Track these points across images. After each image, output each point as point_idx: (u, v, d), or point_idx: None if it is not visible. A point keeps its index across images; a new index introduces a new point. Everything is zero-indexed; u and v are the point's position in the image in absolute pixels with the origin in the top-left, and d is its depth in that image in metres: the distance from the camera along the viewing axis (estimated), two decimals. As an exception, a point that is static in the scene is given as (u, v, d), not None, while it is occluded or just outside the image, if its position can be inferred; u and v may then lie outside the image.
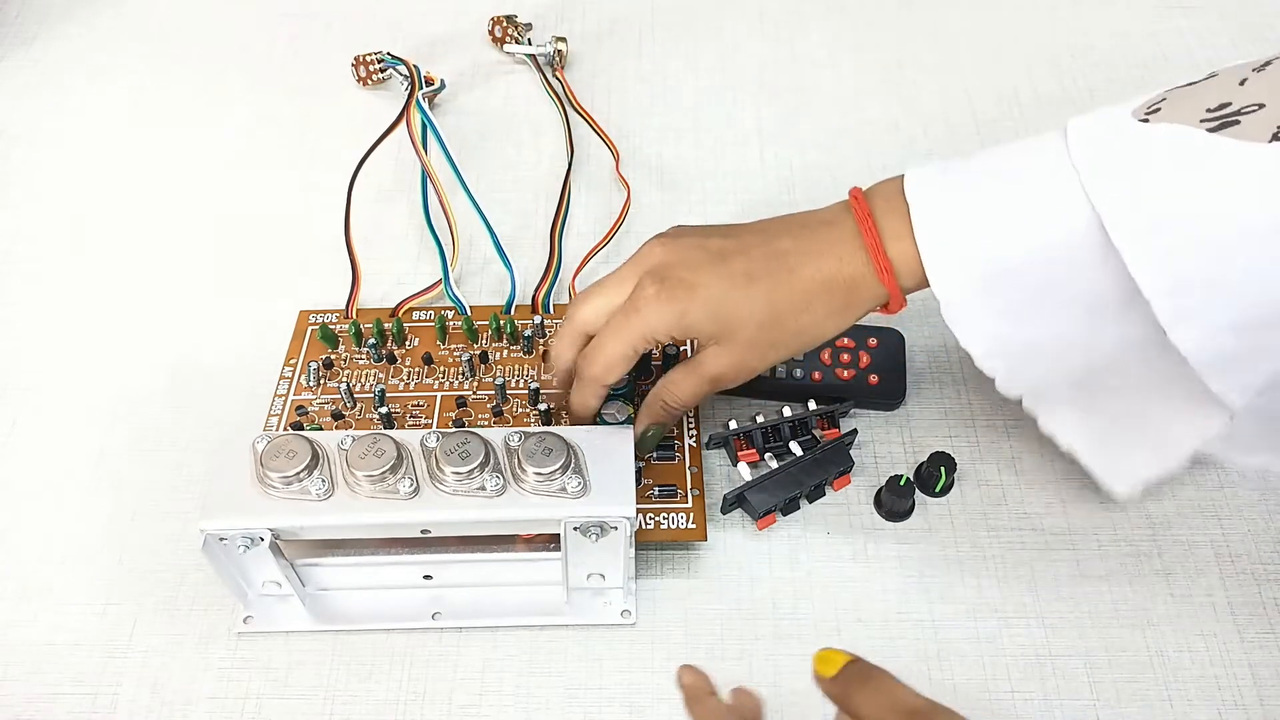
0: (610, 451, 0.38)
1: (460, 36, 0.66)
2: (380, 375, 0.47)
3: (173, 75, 0.64)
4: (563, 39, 0.62)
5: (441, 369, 0.47)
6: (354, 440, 0.37)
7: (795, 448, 0.44)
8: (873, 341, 0.47)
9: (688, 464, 0.44)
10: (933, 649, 0.40)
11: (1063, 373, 0.37)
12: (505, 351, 0.48)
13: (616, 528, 0.37)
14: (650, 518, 0.42)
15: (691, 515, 0.42)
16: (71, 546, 0.44)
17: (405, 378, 0.47)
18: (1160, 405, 0.37)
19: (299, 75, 0.64)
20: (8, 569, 0.43)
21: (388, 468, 0.36)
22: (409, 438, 0.38)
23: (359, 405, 0.46)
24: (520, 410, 0.46)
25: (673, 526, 0.42)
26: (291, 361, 0.48)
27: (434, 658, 0.40)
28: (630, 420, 0.42)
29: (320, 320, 0.50)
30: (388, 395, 0.46)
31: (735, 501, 0.42)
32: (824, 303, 0.37)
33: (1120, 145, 0.33)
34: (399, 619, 0.41)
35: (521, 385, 0.47)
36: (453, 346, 0.48)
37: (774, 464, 0.43)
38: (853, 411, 0.47)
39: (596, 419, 0.42)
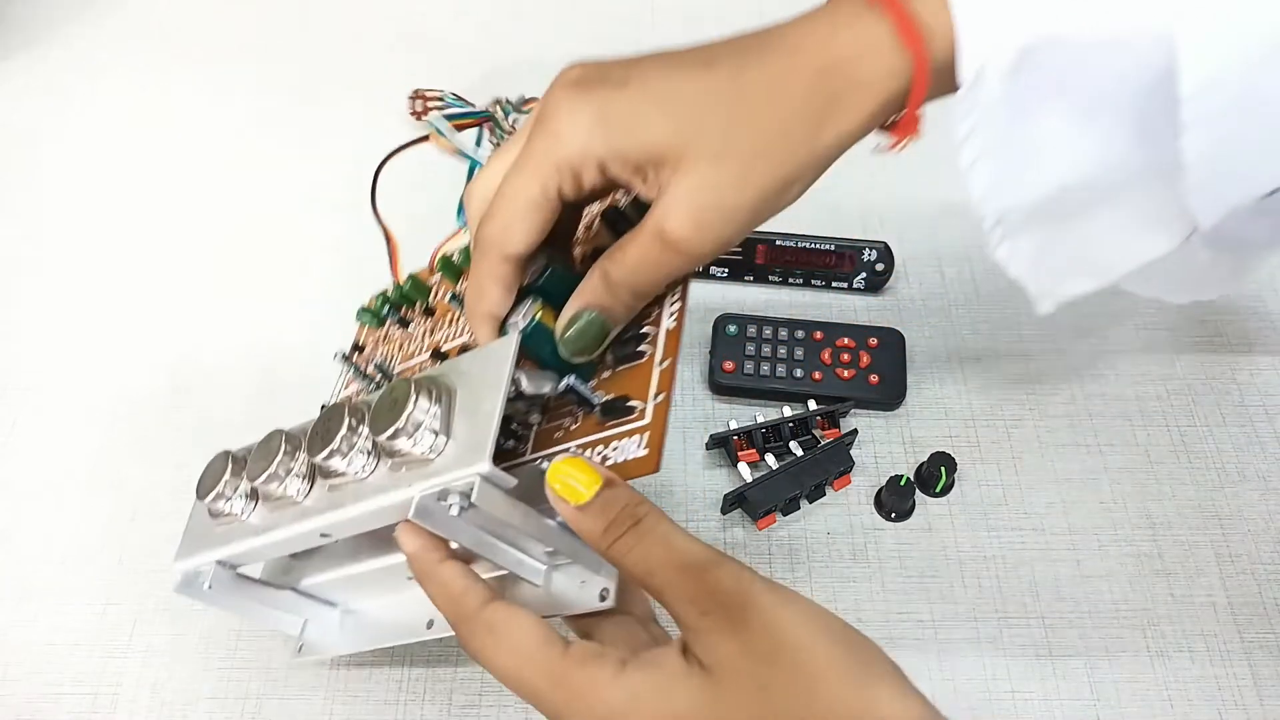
0: (483, 380, 0.28)
1: (460, 30, 0.66)
2: (403, 343, 0.41)
3: (174, 76, 0.64)
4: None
5: (444, 317, 0.40)
6: (259, 442, 0.32)
7: (795, 448, 0.44)
8: (873, 341, 0.47)
9: (658, 359, 0.29)
10: (933, 649, 0.40)
11: (1038, 188, 0.32)
12: None
13: (469, 494, 0.26)
14: (598, 453, 0.29)
15: (645, 438, 0.28)
16: (71, 546, 0.44)
17: (417, 339, 0.41)
18: (1114, 226, 0.33)
19: (300, 75, 0.64)
20: (8, 569, 0.43)
21: (274, 470, 0.31)
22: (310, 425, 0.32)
23: (371, 383, 0.39)
24: None
25: (621, 459, 0.28)
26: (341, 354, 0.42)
27: (434, 658, 0.40)
28: (534, 326, 0.30)
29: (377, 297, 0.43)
30: (403, 365, 0.39)
31: (735, 501, 0.42)
32: (816, 91, 0.26)
33: None
34: (398, 633, 0.35)
35: None
36: (463, 286, 0.39)
37: (774, 464, 0.43)
38: (853, 412, 0.47)
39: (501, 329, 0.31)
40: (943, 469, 0.43)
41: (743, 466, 0.43)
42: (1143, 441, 0.46)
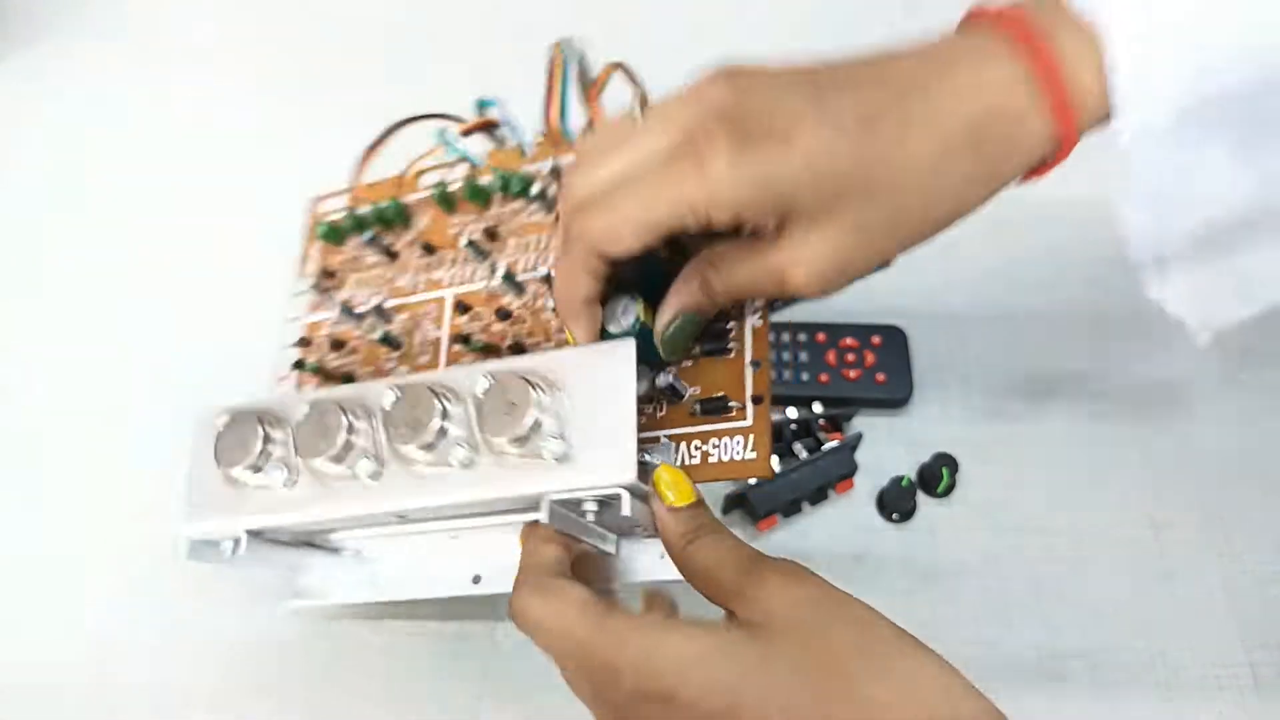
0: (604, 383, 0.28)
1: (457, 28, 0.65)
2: (386, 275, 0.39)
3: (172, 76, 0.64)
4: None
5: (449, 257, 0.38)
6: (307, 410, 0.31)
7: (799, 450, 0.43)
8: (876, 340, 0.47)
9: (748, 357, 0.31)
10: (933, 650, 0.40)
11: (1200, 225, 0.30)
12: (522, 216, 0.37)
13: (611, 503, 0.28)
14: (695, 447, 0.30)
15: (751, 440, 0.30)
16: (71, 547, 0.44)
17: (411, 276, 0.38)
18: (1274, 256, 0.31)
19: (300, 77, 0.64)
20: (8, 569, 0.43)
21: (339, 449, 0.30)
22: (369, 394, 0.31)
23: (364, 323, 0.38)
24: (539, 302, 0.36)
25: (725, 458, 0.30)
26: (304, 276, 0.41)
27: (433, 659, 0.40)
28: (638, 327, 0.30)
29: (328, 209, 0.42)
30: (393, 305, 0.38)
31: (736, 502, 0.42)
32: (968, 157, 0.26)
33: None
34: (441, 586, 0.35)
35: (536, 265, 0.36)
36: (464, 218, 0.39)
37: (777, 466, 0.43)
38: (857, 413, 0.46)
39: (600, 329, 0.30)
40: (944, 470, 0.43)
41: (744, 467, 0.43)
42: (1144, 442, 0.46)
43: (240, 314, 0.52)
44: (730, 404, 0.30)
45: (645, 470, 0.28)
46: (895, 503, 0.43)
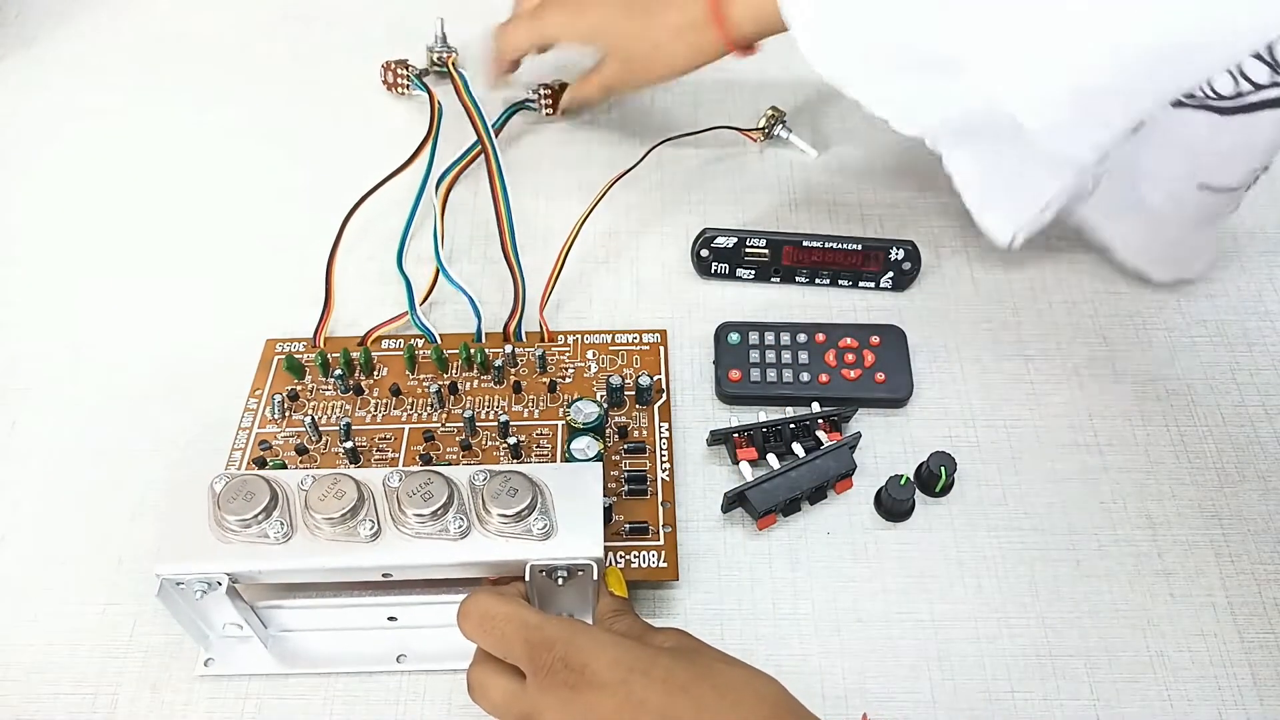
0: (578, 490, 0.37)
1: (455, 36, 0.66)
2: (347, 407, 0.46)
3: (172, 78, 0.64)
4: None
5: (410, 400, 0.46)
6: (314, 480, 0.36)
7: (798, 449, 0.43)
8: (875, 340, 0.47)
9: (660, 499, 0.43)
10: (933, 649, 0.40)
11: (941, 116, 0.41)
12: (475, 382, 0.47)
13: (583, 571, 0.36)
14: (620, 556, 0.41)
15: (663, 554, 0.41)
16: (71, 546, 0.44)
17: (373, 410, 0.46)
18: (1020, 154, 0.41)
19: (299, 80, 0.64)
20: (8, 569, 0.43)
21: (348, 510, 0.35)
22: (371, 477, 0.37)
23: (324, 439, 0.45)
24: (490, 443, 0.45)
25: (644, 565, 0.41)
26: (257, 392, 0.47)
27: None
28: (599, 456, 0.42)
29: (286, 350, 0.48)
30: (354, 429, 0.45)
31: (736, 500, 0.42)
32: (680, 42, 0.49)
33: None
34: (363, 662, 0.40)
35: (491, 417, 0.46)
36: (422, 376, 0.47)
37: (776, 464, 0.43)
38: (857, 413, 0.46)
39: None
40: (943, 469, 0.43)
41: (744, 465, 0.43)
42: (1142, 441, 0.46)
43: (236, 315, 0.52)
44: (649, 528, 0.42)
45: (598, 564, 0.36)
46: (893, 502, 0.43)
